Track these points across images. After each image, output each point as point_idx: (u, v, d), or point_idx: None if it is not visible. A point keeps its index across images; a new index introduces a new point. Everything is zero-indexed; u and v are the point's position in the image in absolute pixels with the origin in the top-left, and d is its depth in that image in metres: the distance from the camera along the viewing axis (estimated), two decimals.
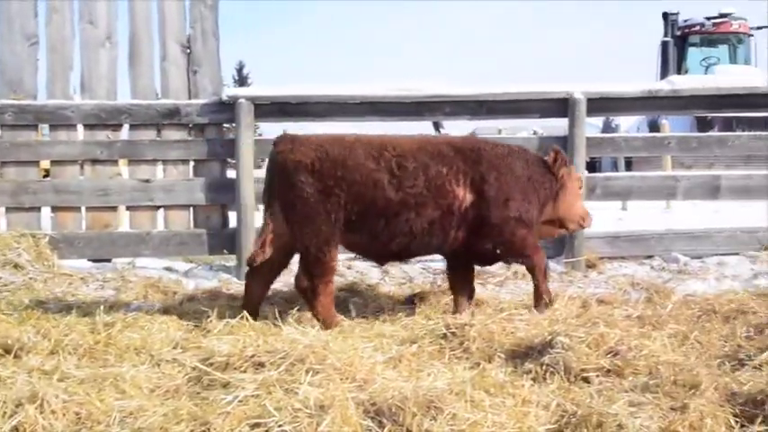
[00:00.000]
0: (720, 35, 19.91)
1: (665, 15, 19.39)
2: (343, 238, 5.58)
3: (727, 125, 15.44)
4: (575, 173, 6.31)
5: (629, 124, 18.01)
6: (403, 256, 6.05)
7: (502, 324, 5.04)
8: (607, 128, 18.48)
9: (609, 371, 4.25)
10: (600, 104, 7.83)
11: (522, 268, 7.41)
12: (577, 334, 4.57)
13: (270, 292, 6.09)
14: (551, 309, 5.58)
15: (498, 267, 7.44)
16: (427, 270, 7.64)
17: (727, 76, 13.56)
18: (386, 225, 5.54)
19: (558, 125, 7.80)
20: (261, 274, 5.73)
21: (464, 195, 5.66)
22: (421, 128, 8.66)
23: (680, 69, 19.34)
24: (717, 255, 7.83)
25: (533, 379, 4.20)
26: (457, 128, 15.47)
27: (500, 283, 7.15)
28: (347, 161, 5.49)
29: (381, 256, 5.95)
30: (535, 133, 15.27)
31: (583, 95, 7.66)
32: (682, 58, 19.61)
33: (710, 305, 5.71)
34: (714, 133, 11.73)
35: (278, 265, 5.78)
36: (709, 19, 19.82)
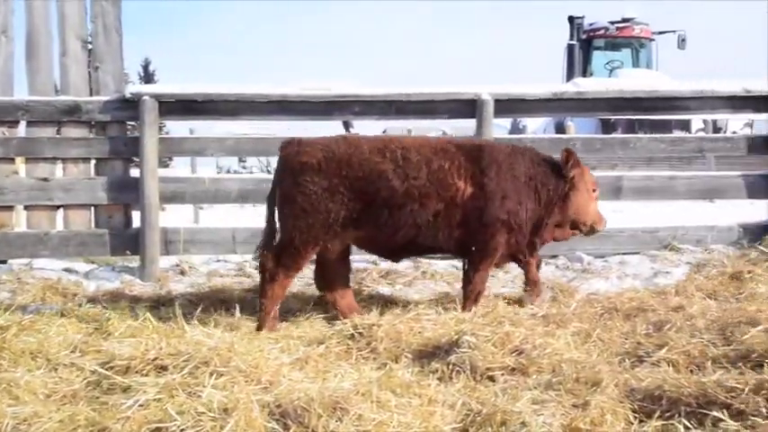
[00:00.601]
0: (624, 39, 20.50)
1: (571, 19, 19.84)
2: (351, 234, 5.72)
3: (630, 127, 15.91)
4: (589, 175, 6.35)
5: (536, 125, 18.36)
6: (411, 249, 6.10)
7: (409, 324, 5.07)
8: (515, 129, 18.82)
9: (514, 369, 4.33)
10: (507, 106, 7.94)
11: (436, 267, 7.55)
12: (483, 333, 4.64)
13: (174, 294, 5.99)
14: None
15: (406, 267, 7.52)
16: None
17: (629, 80, 14.00)
18: (390, 217, 5.63)
19: (467, 126, 7.87)
20: (327, 276, 5.92)
21: (465, 190, 5.74)
22: (330, 128, 8.61)
23: (585, 72, 19.82)
24: (619, 254, 8.02)
25: (440, 378, 4.24)
26: (367, 127, 15.50)
27: (408, 283, 7.19)
28: (352, 158, 5.60)
29: (390, 250, 6.00)
30: (444, 134, 15.43)
31: (490, 97, 7.76)
32: (587, 61, 20.10)
33: (612, 303, 5.85)
34: (617, 135, 12.06)
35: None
36: (612, 23, 20.37)
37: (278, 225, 5.72)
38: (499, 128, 20.18)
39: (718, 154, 10.79)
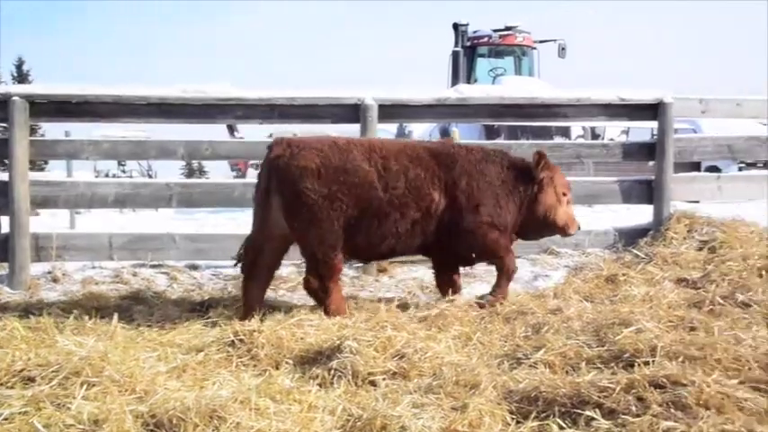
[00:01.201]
0: (506, 47, 20.93)
1: (456, 26, 20.13)
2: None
3: (513, 133, 16.25)
4: (560, 177, 6.46)
5: (422, 131, 18.54)
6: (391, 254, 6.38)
7: (291, 330, 5.04)
8: (401, 134, 18.95)
9: (395, 373, 4.37)
10: (391, 111, 7.98)
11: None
12: (365, 338, 4.66)
13: (45, 302, 5.77)
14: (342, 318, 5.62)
15: (290, 272, 7.47)
16: (218, 276, 7.51)
17: (510, 86, 14.31)
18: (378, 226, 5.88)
19: (354, 130, 7.87)
20: (258, 277, 5.98)
21: (439, 199, 6.00)
22: (213, 131, 8.50)
23: (470, 79, 20.12)
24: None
25: (320, 384, 4.23)
26: (252, 131, 15.37)
27: (292, 289, 7.14)
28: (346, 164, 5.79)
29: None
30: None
31: (374, 101, 7.78)
32: (471, 68, 20.43)
33: (493, 307, 5.96)
34: (498, 141, 12.28)
35: (274, 263, 6.09)
36: (495, 31, 20.77)
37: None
38: (386, 133, 20.41)
39: (596, 160, 11.15)
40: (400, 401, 3.81)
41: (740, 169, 15.96)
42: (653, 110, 8.26)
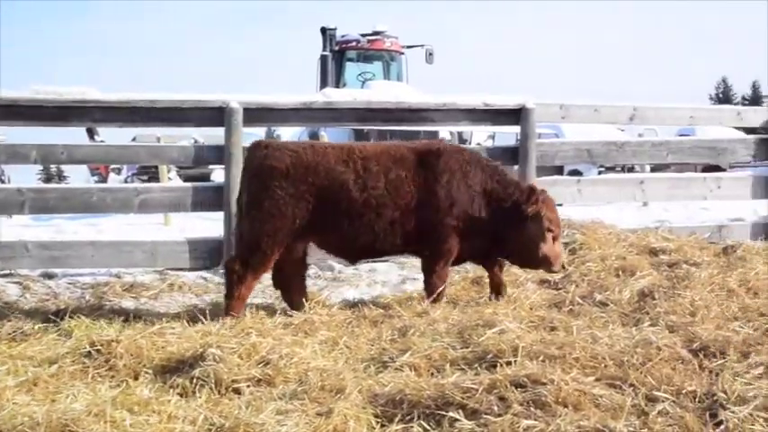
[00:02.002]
0: (375, 52, 21.08)
1: (324, 30, 20.12)
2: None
3: (383, 138, 16.36)
4: (552, 213, 6.36)
5: (290, 135, 18.43)
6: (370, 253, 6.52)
7: (152, 339, 4.89)
8: (270, 138, 18.80)
9: (260, 380, 4.31)
10: (257, 114, 7.90)
11: (184, 279, 7.38)
12: (230, 345, 4.59)
13: None
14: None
15: (153, 279, 7.30)
16: (75, 285, 7.25)
17: (378, 91, 14.41)
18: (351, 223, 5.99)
19: (220, 134, 7.75)
20: (286, 276, 6.20)
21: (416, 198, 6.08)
22: (70, 134, 8.21)
23: (339, 83, 20.16)
24: (369, 262, 8.20)
25: (181, 394, 4.13)
26: (113, 134, 14.94)
27: (154, 296, 6.97)
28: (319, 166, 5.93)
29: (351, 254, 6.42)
30: (196, 142, 15.14)
31: (239, 105, 7.69)
32: (340, 72, 20.47)
33: (360, 311, 5.98)
34: None
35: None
36: (364, 36, 20.90)
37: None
38: (255, 137, 20.21)
39: None
40: (264, 409, 3.76)
41: (600, 173, 16.60)
42: (516, 115, 8.46)
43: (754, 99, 73.82)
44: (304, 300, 6.09)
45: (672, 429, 3.42)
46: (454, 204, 6.15)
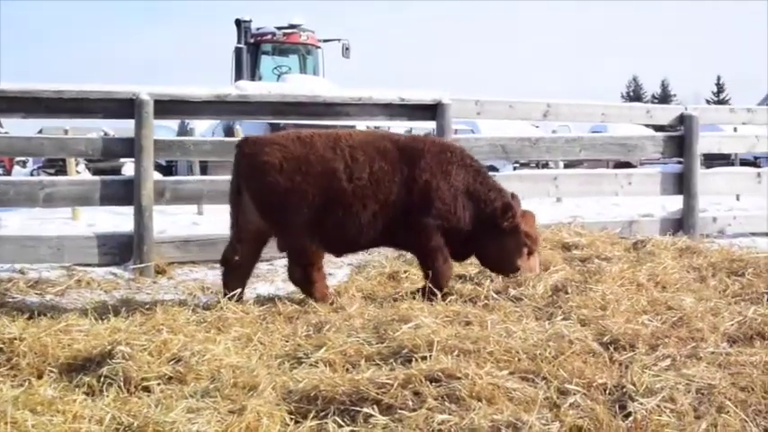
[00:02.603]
0: (291, 45, 20.94)
1: (238, 22, 19.88)
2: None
3: None
4: (531, 229, 6.37)
5: (204, 128, 18.19)
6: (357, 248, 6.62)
7: (58, 336, 4.76)
8: (182, 131, 18.52)
9: (171, 378, 4.23)
10: (168, 107, 7.77)
11: (92, 275, 7.21)
12: (140, 342, 4.50)
13: None
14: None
15: (59, 275, 7.11)
16: None
17: (293, 85, 14.32)
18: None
19: (130, 126, 7.60)
20: (238, 271, 6.25)
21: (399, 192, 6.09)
22: None
23: (254, 76, 19.96)
24: (285, 257, 8.13)
25: (88, 393, 4.03)
26: (19, 126, 14.51)
27: (61, 293, 6.78)
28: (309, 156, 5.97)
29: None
30: (106, 134, 14.80)
31: (150, 97, 7.55)
32: (255, 65, 20.26)
33: (275, 306, 5.93)
34: None
35: (253, 258, 6.38)
36: (279, 29, 20.72)
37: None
38: (167, 130, 19.86)
39: None
40: (175, 407, 3.68)
41: (515, 169, 16.86)
42: (432, 110, 8.53)
43: (664, 97, 76.18)
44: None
45: (582, 421, 3.48)
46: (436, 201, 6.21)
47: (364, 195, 6.04)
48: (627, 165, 16.69)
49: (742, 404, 3.67)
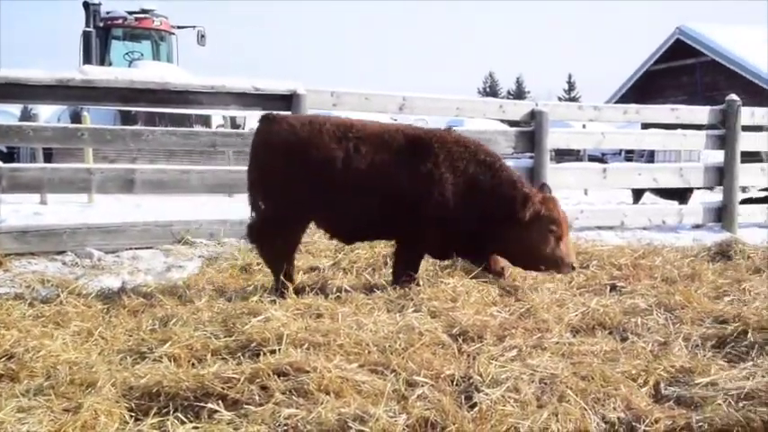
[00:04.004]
0: (143, 31, 20.36)
1: (86, 5, 19.18)
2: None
3: (151, 120, 15.84)
4: (553, 212, 6.09)
5: (49, 114, 17.46)
6: (364, 237, 6.51)
7: None
8: (26, 116, 17.73)
9: (2, 375, 4.03)
10: (6, 90, 7.40)
11: None
12: None
13: None
14: None
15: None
16: None
17: (144, 71, 13.94)
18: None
19: None
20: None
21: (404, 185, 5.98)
22: None
23: (104, 61, 19.33)
24: (132, 249, 7.93)
25: None
26: None
27: None
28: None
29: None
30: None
31: None
32: (105, 50, 19.61)
33: (120, 300, 5.73)
34: (129, 127, 11.89)
35: None
36: (131, 14, 20.12)
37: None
38: (9, 115, 18.96)
39: (235, 149, 11.26)
40: (4, 406, 3.49)
41: None
42: (287, 101, 8.46)
43: (519, 94, 78.56)
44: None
45: (429, 413, 3.50)
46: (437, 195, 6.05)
47: (363, 186, 5.97)
48: None
49: (582, 393, 3.79)
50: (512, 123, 14.63)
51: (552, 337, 4.78)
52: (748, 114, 10.90)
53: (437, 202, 6.00)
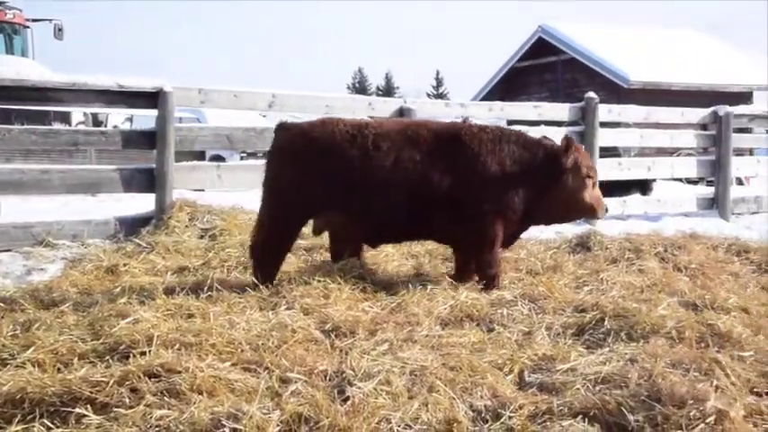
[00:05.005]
0: None
1: None
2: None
3: (6, 118, 15.21)
4: (586, 159, 6.25)
5: None
6: (389, 238, 6.54)
7: None
8: None
9: None
10: None
11: None
12: None
13: None
14: None
15: None
16: None
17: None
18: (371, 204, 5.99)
19: None
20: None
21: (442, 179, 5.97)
22: None
23: None
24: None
25: None
26: None
27: None
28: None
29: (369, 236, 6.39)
30: None
31: None
32: None
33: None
34: None
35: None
36: None
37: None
38: None
39: (98, 148, 11.00)
40: None
41: (242, 159, 16.86)
42: (153, 98, 8.33)
43: (388, 89, 79.33)
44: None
45: (303, 408, 3.57)
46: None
47: (391, 184, 5.97)
48: None
49: (451, 383, 3.95)
50: None
51: (422, 330, 4.94)
52: (605, 111, 11.42)
53: (491, 192, 6.11)
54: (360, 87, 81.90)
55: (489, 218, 6.11)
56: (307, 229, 8.01)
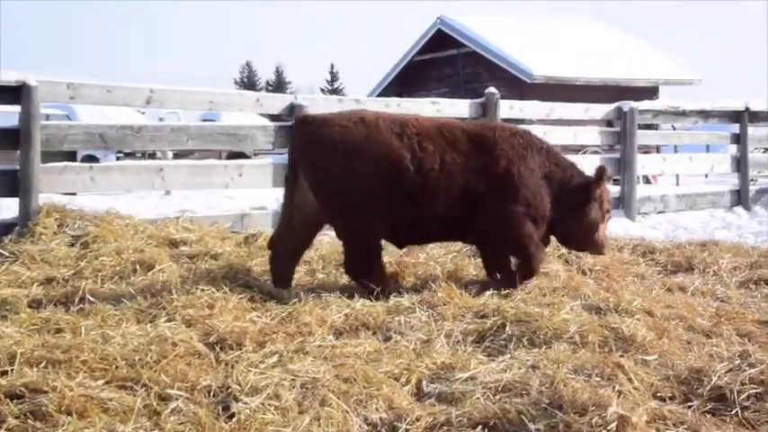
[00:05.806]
0: None
1: None
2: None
3: None
4: (607, 194, 6.62)
5: None
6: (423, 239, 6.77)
7: None
8: None
9: None
10: None
11: None
12: None
13: None
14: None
15: None
16: None
17: None
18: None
19: None
20: (285, 255, 6.37)
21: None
22: None
23: None
24: None
25: None
26: None
27: None
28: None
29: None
30: None
31: None
32: None
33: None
34: None
35: (304, 242, 6.48)
36: None
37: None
38: None
39: None
40: None
41: (118, 159, 16.55)
42: (16, 93, 8.06)
43: (279, 84, 78.93)
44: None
45: (184, 427, 3.53)
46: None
47: (435, 187, 6.10)
48: (243, 155, 17.08)
49: (344, 395, 3.96)
50: (273, 117, 14.73)
51: (314, 340, 4.94)
52: (507, 107, 11.64)
53: (522, 195, 6.30)
54: (248, 83, 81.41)
55: (522, 219, 6.33)
56: (191, 234, 7.98)
